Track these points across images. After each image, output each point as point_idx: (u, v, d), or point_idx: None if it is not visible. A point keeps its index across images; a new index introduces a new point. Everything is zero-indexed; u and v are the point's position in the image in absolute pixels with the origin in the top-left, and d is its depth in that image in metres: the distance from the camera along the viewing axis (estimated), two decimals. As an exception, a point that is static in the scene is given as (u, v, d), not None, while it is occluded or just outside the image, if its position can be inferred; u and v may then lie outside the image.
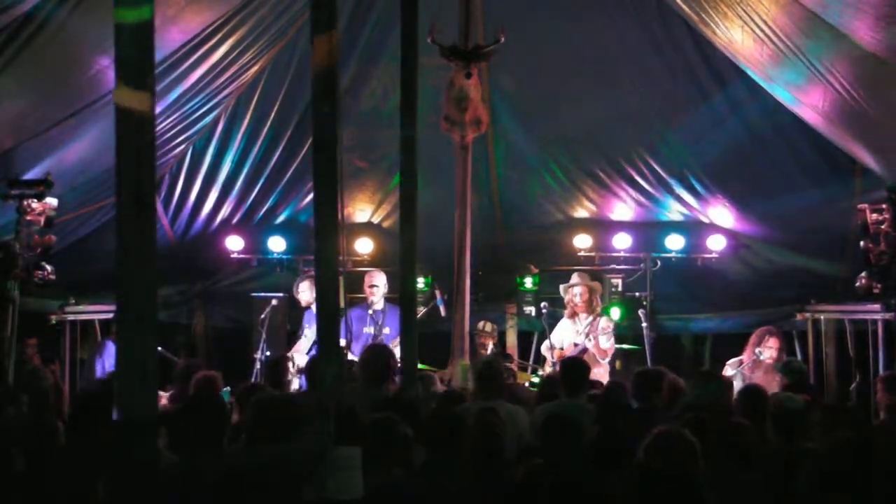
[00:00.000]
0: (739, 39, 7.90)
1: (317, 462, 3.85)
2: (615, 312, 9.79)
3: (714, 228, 10.19)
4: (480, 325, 9.73)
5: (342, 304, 5.22)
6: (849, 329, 8.76)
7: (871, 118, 7.76)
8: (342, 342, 5.42)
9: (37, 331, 8.82)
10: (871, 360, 8.28)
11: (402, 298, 6.26)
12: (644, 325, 9.18)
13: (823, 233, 9.49)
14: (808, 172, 9.30)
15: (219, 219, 10.53)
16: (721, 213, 10.16)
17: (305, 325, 9.04)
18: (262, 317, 9.16)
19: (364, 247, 10.33)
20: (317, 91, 4.36)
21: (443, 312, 9.37)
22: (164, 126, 8.75)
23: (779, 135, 9.13)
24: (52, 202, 7.92)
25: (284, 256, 10.30)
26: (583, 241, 10.26)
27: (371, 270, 9.16)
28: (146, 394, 3.15)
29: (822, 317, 9.16)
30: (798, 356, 9.33)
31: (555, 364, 8.39)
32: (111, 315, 8.30)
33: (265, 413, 4.24)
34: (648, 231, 10.32)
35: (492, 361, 6.52)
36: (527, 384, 8.39)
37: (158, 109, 8.05)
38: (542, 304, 9.11)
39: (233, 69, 8.76)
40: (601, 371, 8.35)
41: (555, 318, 9.09)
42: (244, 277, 10.77)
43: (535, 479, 4.05)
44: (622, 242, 10.15)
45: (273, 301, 9.36)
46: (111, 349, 8.15)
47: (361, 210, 10.69)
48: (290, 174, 10.14)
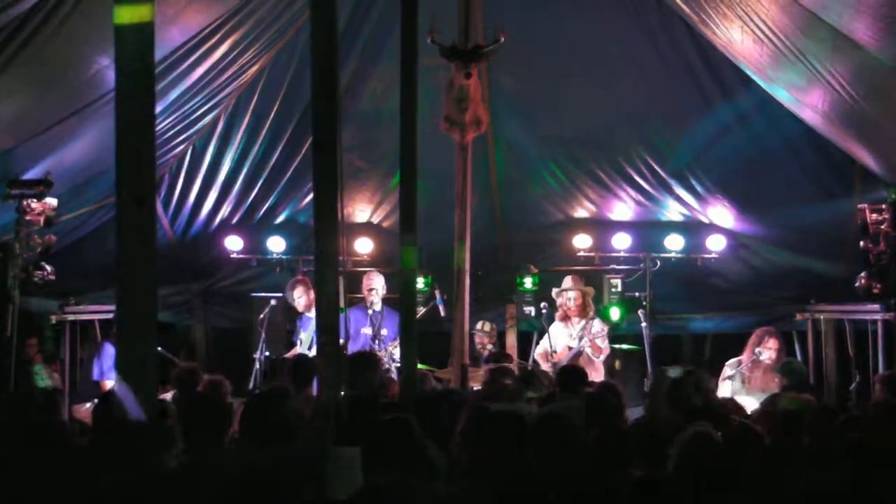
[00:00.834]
0: (739, 39, 7.89)
1: (317, 462, 3.86)
2: (615, 312, 9.79)
3: (714, 228, 10.18)
4: (479, 326, 9.74)
5: (343, 304, 5.21)
6: (848, 329, 8.76)
7: (871, 118, 7.76)
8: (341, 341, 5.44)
9: (37, 331, 8.82)
10: (871, 360, 8.29)
11: (402, 298, 6.27)
12: (644, 325, 9.18)
13: (823, 233, 9.50)
14: (808, 172, 9.30)
15: (218, 219, 10.52)
16: (721, 213, 10.16)
17: (301, 330, 9.04)
18: (262, 317, 9.16)
19: (364, 247, 10.33)
20: (316, 91, 4.37)
21: (442, 312, 9.36)
22: (164, 126, 8.75)
23: (779, 135, 9.13)
24: (52, 202, 7.93)
25: (284, 256, 10.30)
26: (582, 241, 10.25)
27: (369, 272, 9.15)
28: (146, 394, 3.15)
29: (822, 317, 9.16)
30: (798, 356, 9.34)
31: (555, 365, 8.39)
32: (111, 315, 8.29)
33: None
34: (648, 231, 10.31)
35: None
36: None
37: (158, 109, 8.05)
38: (542, 304, 9.10)
39: (233, 69, 8.76)
40: (596, 374, 8.33)
41: (554, 319, 9.09)
42: (244, 277, 10.76)
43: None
44: (622, 242, 10.15)
45: (272, 301, 9.35)
46: (110, 351, 8.14)
47: (361, 210, 10.69)
48: (290, 174, 10.14)
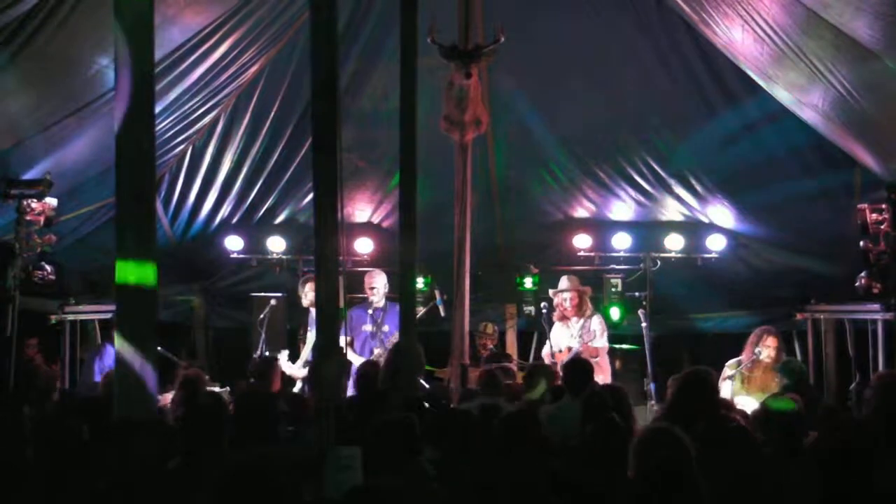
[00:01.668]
0: (740, 39, 7.89)
1: (317, 462, 3.86)
2: (615, 312, 9.79)
3: (714, 228, 10.19)
4: (482, 327, 9.74)
5: (342, 305, 5.21)
6: (849, 329, 8.76)
7: (872, 118, 7.76)
8: (343, 341, 5.43)
9: (37, 331, 8.82)
10: (871, 360, 8.28)
11: (402, 298, 6.27)
12: (644, 325, 9.16)
13: (823, 233, 9.49)
14: (808, 172, 9.30)
15: (218, 219, 10.53)
16: (721, 213, 10.16)
17: (310, 328, 9.03)
18: (262, 317, 9.16)
19: (364, 247, 10.33)
20: (316, 91, 4.36)
21: (442, 312, 9.37)
22: (164, 126, 8.75)
23: (779, 135, 9.13)
24: (52, 202, 7.92)
25: (284, 256, 10.30)
26: (582, 241, 10.26)
27: (371, 271, 9.14)
28: (146, 394, 3.15)
29: (822, 317, 9.16)
30: (798, 356, 9.34)
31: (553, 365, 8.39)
32: (111, 315, 8.29)
33: None
34: (648, 231, 10.32)
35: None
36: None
37: (158, 109, 8.05)
38: (542, 304, 9.09)
39: (232, 69, 8.76)
40: (601, 375, 8.32)
41: (552, 319, 9.08)
42: (244, 277, 10.77)
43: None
44: (622, 242, 10.15)
45: (272, 301, 9.35)
46: (110, 352, 8.13)
47: (361, 210, 10.69)
48: (290, 174, 10.14)
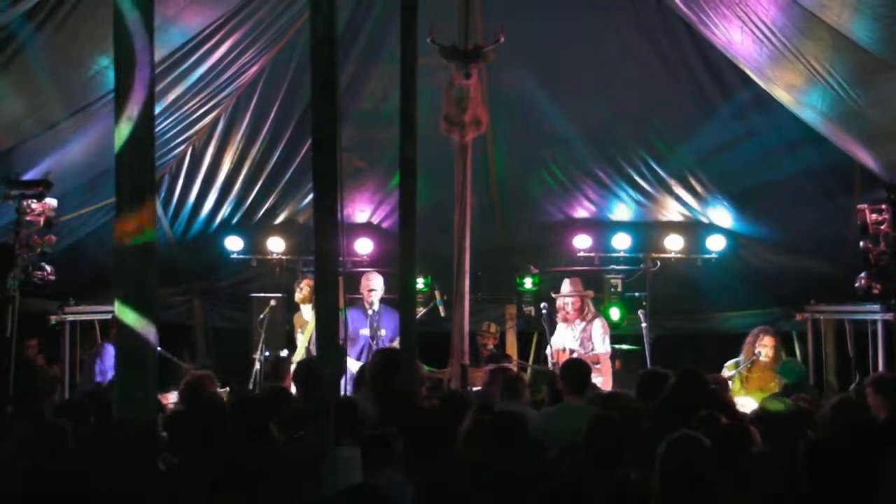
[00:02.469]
0: (739, 40, 7.89)
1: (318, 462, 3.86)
2: (615, 312, 9.80)
3: (714, 228, 10.19)
4: (485, 327, 9.75)
5: (342, 305, 5.21)
6: (848, 329, 8.77)
7: (871, 118, 7.76)
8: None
9: (37, 331, 8.82)
10: (871, 360, 8.29)
11: (402, 298, 6.27)
12: (643, 326, 9.18)
13: (823, 233, 9.50)
14: (808, 172, 9.29)
15: (218, 219, 10.53)
16: (721, 213, 10.16)
17: (298, 331, 9.02)
18: (262, 317, 9.16)
19: (364, 247, 10.33)
20: (316, 91, 4.36)
21: (442, 313, 9.36)
22: (164, 126, 8.75)
23: (778, 135, 9.13)
24: (52, 202, 7.93)
25: (284, 256, 10.30)
26: (582, 242, 10.26)
27: (367, 272, 9.12)
28: (146, 394, 3.15)
29: (822, 317, 9.17)
30: (798, 356, 9.34)
31: (554, 364, 8.40)
32: (111, 315, 8.29)
33: None
34: (648, 231, 10.32)
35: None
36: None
37: (158, 109, 8.05)
38: (542, 305, 9.09)
39: (232, 69, 8.76)
40: (596, 376, 8.32)
41: (554, 319, 9.09)
42: (244, 278, 10.76)
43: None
44: (622, 242, 10.15)
45: (272, 301, 9.36)
46: (110, 352, 8.14)
47: (361, 210, 10.70)
48: (290, 174, 10.14)
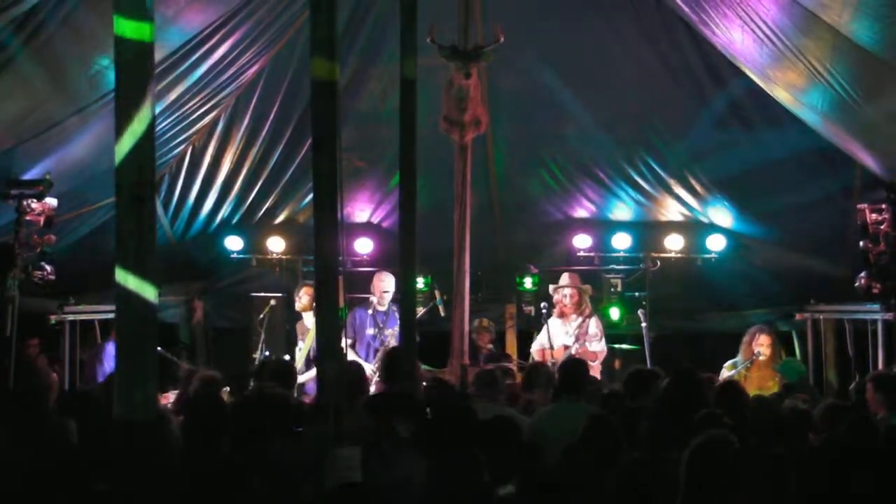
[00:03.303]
0: (739, 40, 7.90)
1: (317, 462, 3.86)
2: (615, 312, 9.79)
3: (714, 228, 10.20)
4: (477, 322, 9.71)
5: (342, 305, 5.21)
6: (848, 329, 8.76)
7: (871, 118, 7.76)
8: (347, 342, 5.42)
9: (37, 331, 8.82)
10: (871, 360, 8.29)
11: (402, 298, 6.27)
12: (643, 325, 9.18)
13: (823, 233, 9.50)
14: (808, 172, 9.30)
15: (218, 219, 10.53)
16: (721, 213, 10.16)
17: (301, 339, 9.01)
18: (261, 317, 9.16)
19: (364, 247, 10.33)
20: (316, 91, 4.36)
21: (442, 312, 9.36)
22: (164, 126, 8.75)
23: (778, 135, 9.13)
24: (52, 202, 7.92)
25: (284, 256, 10.30)
26: (582, 241, 10.26)
27: (380, 272, 9.05)
28: (146, 394, 3.15)
29: (822, 317, 9.17)
30: (798, 356, 9.34)
31: (554, 363, 8.39)
32: (111, 315, 8.29)
33: None
34: (648, 231, 10.33)
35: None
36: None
37: (158, 109, 8.04)
38: (542, 304, 9.09)
39: (232, 69, 8.76)
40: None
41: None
42: (243, 278, 10.76)
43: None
44: (622, 242, 10.16)
45: (272, 301, 9.36)
46: (111, 351, 8.14)
47: (361, 210, 10.70)
48: (290, 174, 10.15)
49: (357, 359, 8.09)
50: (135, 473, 3.11)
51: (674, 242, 10.08)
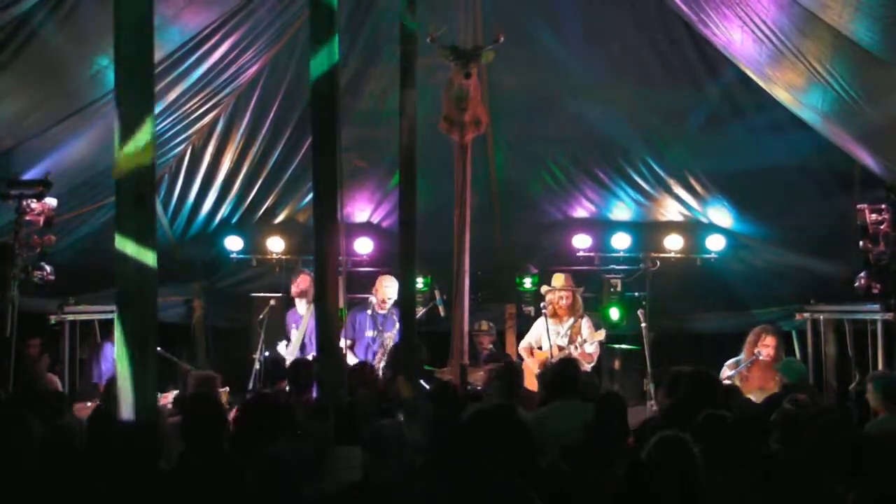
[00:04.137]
0: (739, 39, 7.89)
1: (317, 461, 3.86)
2: (615, 312, 9.79)
3: (714, 228, 10.20)
4: (477, 326, 9.74)
5: (341, 305, 5.22)
6: (848, 329, 8.76)
7: (871, 118, 7.76)
8: (346, 343, 5.42)
9: (37, 331, 8.82)
10: (871, 360, 8.29)
11: (402, 298, 6.27)
12: (643, 325, 9.18)
13: (823, 233, 9.49)
14: (808, 172, 9.30)
15: (218, 219, 10.53)
16: (721, 213, 10.16)
17: (293, 326, 9.01)
18: (261, 317, 9.16)
19: (364, 247, 10.33)
20: (316, 91, 4.36)
21: (442, 312, 9.36)
22: (164, 126, 8.75)
23: (778, 135, 9.13)
24: (52, 202, 7.92)
25: (284, 256, 10.30)
26: (582, 241, 10.26)
27: (385, 276, 9.03)
28: (146, 394, 3.15)
29: (822, 317, 9.16)
30: (798, 356, 9.34)
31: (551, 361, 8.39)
32: (111, 315, 8.29)
33: None
34: (648, 231, 10.33)
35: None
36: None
37: (158, 109, 8.05)
38: (542, 304, 9.11)
39: (232, 69, 8.75)
40: None
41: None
42: (243, 277, 10.77)
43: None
44: (621, 242, 10.16)
45: (272, 301, 9.36)
46: (110, 351, 8.14)
47: (361, 210, 10.70)
48: (290, 174, 10.15)
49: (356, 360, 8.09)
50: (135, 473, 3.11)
51: (673, 242, 10.08)
